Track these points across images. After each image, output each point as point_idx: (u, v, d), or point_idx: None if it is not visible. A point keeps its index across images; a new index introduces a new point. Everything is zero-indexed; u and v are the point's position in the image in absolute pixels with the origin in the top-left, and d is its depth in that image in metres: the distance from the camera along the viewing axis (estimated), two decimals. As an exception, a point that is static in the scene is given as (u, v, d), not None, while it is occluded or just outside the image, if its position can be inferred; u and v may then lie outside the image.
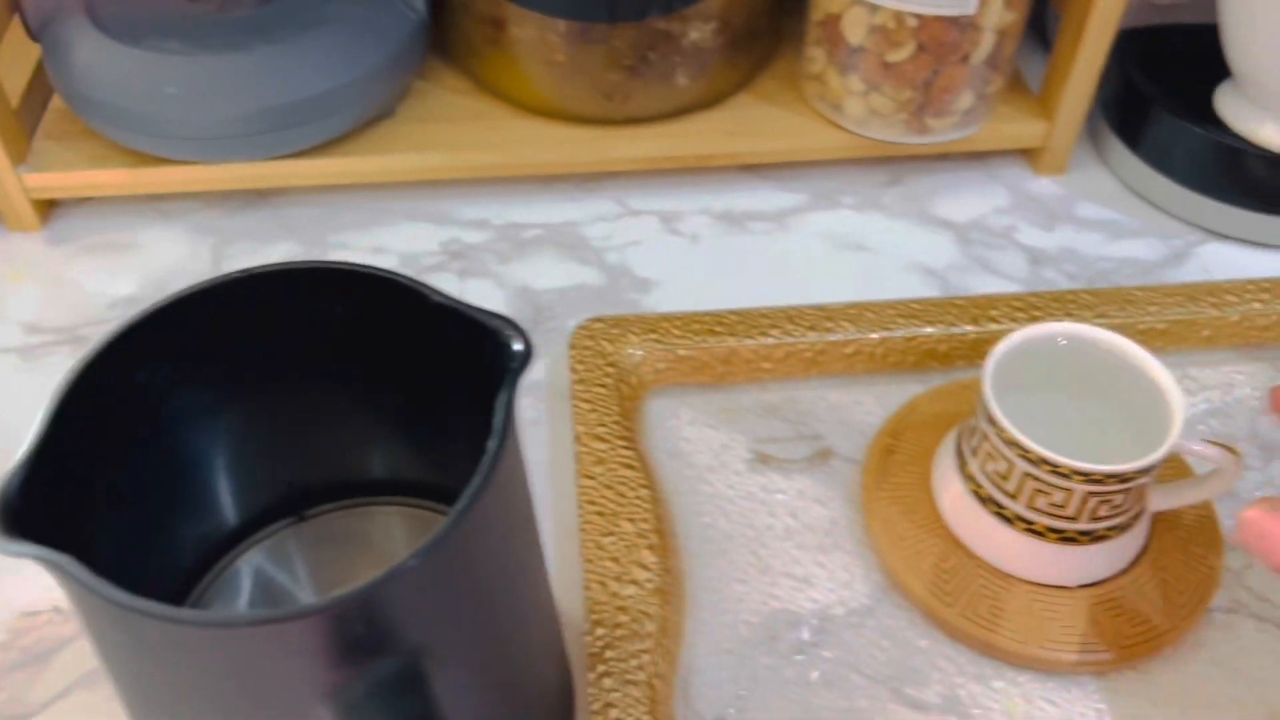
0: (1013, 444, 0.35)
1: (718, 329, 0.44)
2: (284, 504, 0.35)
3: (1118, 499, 0.35)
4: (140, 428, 0.28)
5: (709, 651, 0.37)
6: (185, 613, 0.21)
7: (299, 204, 0.53)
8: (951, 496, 0.38)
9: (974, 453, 0.37)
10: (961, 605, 0.37)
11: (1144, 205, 0.54)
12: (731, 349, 0.44)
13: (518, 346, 0.27)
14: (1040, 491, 0.35)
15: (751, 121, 0.53)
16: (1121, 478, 0.34)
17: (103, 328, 0.47)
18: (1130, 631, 0.36)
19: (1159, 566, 0.38)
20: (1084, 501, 0.35)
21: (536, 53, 0.50)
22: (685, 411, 0.44)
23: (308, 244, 0.51)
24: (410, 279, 0.28)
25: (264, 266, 0.28)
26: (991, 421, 0.35)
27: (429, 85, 0.54)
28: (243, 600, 0.33)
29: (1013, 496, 0.36)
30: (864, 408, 0.44)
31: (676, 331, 0.44)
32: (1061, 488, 0.34)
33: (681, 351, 0.44)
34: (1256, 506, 0.30)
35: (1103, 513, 0.35)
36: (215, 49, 0.48)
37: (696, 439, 0.43)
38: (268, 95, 0.48)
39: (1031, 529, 0.36)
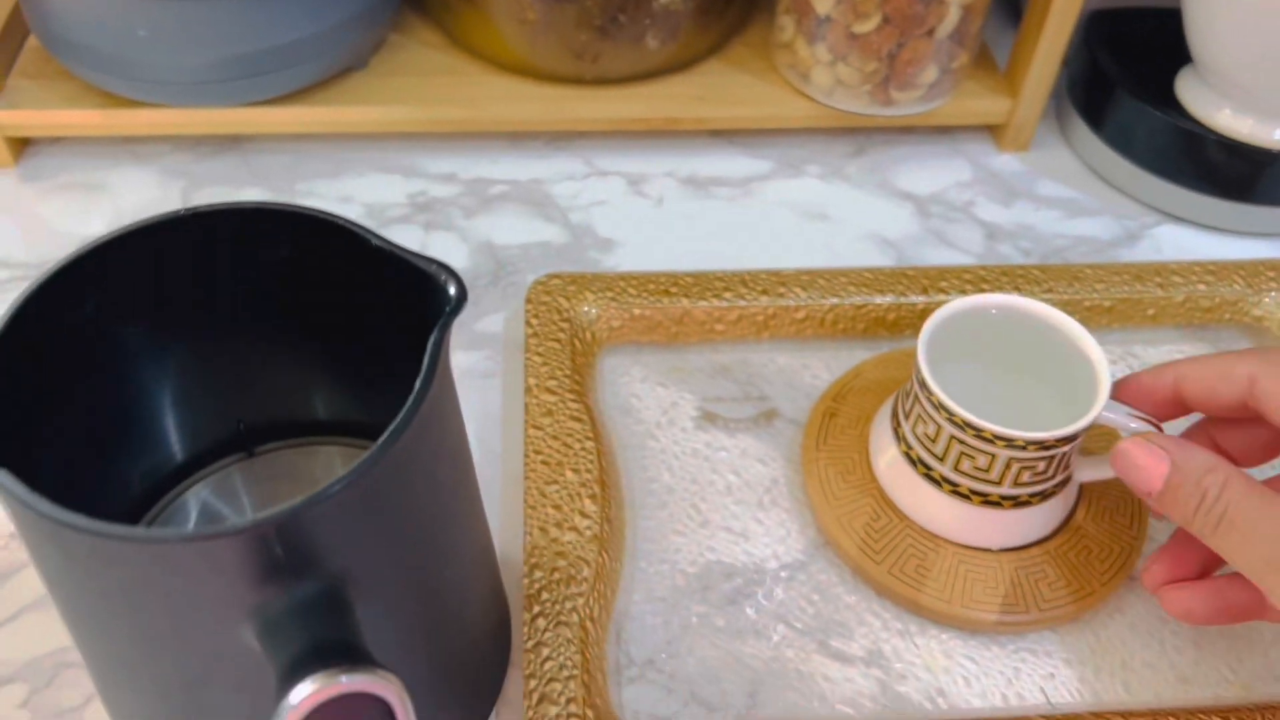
0: (940, 408, 0.36)
1: (673, 290, 0.45)
2: (233, 441, 0.36)
3: (1040, 465, 0.36)
4: (88, 360, 0.29)
5: (644, 599, 0.38)
6: (114, 527, 0.22)
7: (268, 151, 0.53)
8: (886, 459, 0.39)
9: (906, 416, 0.38)
10: (890, 564, 0.38)
11: (1103, 185, 0.55)
12: (685, 310, 0.45)
13: (451, 290, 0.27)
14: (965, 455, 0.36)
15: (721, 87, 0.54)
16: (1043, 444, 0.35)
17: (71, 265, 0.48)
18: (1050, 595, 0.38)
19: (1083, 534, 0.39)
20: (1007, 466, 0.36)
21: (509, 10, 0.51)
22: (637, 369, 0.45)
23: (276, 190, 0.52)
24: (350, 221, 0.29)
25: (209, 206, 0.29)
26: (923, 385, 0.36)
27: (402, 39, 0.55)
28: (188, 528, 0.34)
29: (940, 459, 0.37)
30: (811, 371, 0.45)
31: (632, 291, 0.45)
32: (985, 452, 0.36)
33: (636, 311, 0.45)
34: (1130, 440, 0.33)
35: (1025, 479, 0.36)
36: (189, -7, 0.48)
37: (646, 396, 0.44)
38: (239, 41, 0.48)
39: (957, 491, 0.37)
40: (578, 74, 0.53)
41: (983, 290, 0.46)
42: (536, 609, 0.36)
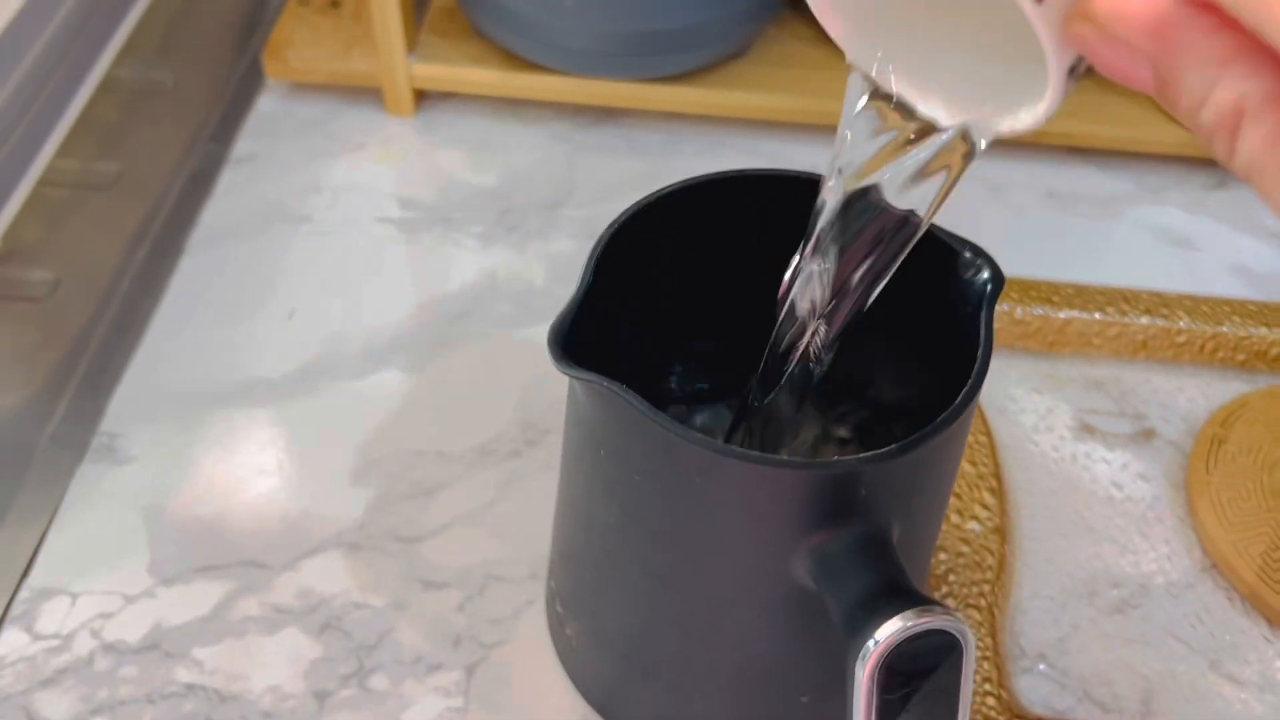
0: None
1: (1054, 299, 0.46)
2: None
3: None
4: (638, 284, 0.32)
5: (1033, 594, 0.39)
6: (727, 448, 0.24)
7: (643, 128, 0.56)
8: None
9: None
10: (1290, 593, 0.38)
11: None
12: (1065, 321, 0.46)
13: (985, 273, 0.29)
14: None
15: (1094, 105, 0.54)
16: None
17: (468, 212, 0.51)
18: None
19: None
20: None
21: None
22: (1012, 373, 0.46)
23: (654, 165, 0.54)
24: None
25: (759, 170, 0.31)
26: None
27: (780, 32, 0.57)
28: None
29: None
30: (1186, 395, 0.45)
31: (1014, 296, 0.46)
32: None
33: (1018, 314, 0.46)
34: None
35: None
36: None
37: (1023, 400, 0.45)
38: (647, 20, 0.51)
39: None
40: (955, 80, 0.54)
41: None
42: (945, 589, 0.37)
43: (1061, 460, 0.43)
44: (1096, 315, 0.46)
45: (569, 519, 0.32)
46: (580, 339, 0.27)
